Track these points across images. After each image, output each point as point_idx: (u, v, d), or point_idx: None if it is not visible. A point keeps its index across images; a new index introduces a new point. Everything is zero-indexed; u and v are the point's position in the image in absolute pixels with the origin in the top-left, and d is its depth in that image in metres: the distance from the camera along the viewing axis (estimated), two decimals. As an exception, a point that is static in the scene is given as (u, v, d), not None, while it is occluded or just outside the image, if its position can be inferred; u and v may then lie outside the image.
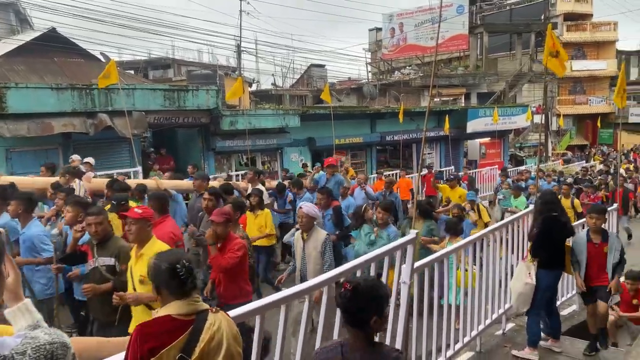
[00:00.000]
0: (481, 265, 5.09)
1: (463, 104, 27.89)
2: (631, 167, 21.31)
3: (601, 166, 22.44)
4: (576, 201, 11.47)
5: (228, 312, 2.38)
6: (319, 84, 30.25)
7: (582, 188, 14.66)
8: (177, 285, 2.16)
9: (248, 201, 7.19)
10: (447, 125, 18.61)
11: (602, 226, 5.56)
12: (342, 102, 28.47)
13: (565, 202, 10.39)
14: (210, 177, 10.05)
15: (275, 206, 9.42)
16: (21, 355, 1.22)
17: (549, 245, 5.04)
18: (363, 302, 2.13)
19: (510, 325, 5.83)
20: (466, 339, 4.80)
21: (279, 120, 16.33)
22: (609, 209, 6.90)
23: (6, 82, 11.78)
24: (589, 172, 19.26)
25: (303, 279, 4.95)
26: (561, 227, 5.14)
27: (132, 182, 7.74)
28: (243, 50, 27.49)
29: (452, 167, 19.27)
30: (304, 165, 15.38)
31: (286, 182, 10.52)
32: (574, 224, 6.37)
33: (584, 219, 6.46)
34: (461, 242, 5.02)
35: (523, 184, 13.80)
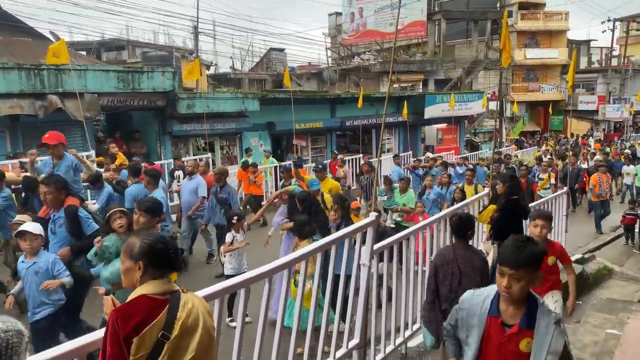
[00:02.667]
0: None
1: (421, 90, 28.26)
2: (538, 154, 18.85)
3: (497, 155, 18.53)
4: (480, 187, 9.65)
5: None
6: (279, 68, 30.00)
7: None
8: (168, 265, 2.27)
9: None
10: (405, 111, 18.82)
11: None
12: (302, 86, 28.33)
13: (469, 189, 9.48)
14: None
15: (93, 205, 7.41)
16: None
17: (509, 227, 5.13)
18: (464, 224, 4.00)
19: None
20: (415, 326, 4.79)
21: (238, 104, 16.13)
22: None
23: (-54, 61, 11.19)
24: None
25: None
26: (522, 210, 5.30)
27: None
28: (200, 32, 26.93)
29: (410, 152, 19.55)
30: (247, 150, 14.71)
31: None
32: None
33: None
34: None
35: (420, 172, 12.23)
